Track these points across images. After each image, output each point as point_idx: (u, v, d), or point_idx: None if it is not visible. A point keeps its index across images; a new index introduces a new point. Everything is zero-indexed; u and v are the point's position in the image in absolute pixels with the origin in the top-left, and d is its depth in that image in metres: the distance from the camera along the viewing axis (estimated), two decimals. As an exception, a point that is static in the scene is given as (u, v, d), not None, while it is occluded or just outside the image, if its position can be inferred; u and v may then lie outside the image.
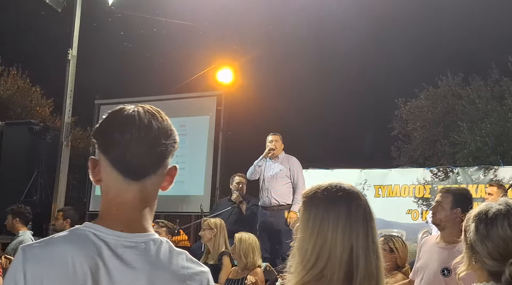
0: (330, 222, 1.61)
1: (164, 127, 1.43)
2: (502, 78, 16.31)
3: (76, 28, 9.35)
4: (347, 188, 1.71)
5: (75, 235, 1.35)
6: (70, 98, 9.30)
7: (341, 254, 1.58)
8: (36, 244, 1.33)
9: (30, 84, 19.52)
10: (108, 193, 1.40)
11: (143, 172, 1.39)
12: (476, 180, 8.38)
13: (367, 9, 15.83)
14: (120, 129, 1.38)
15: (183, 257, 1.41)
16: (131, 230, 1.37)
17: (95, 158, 1.42)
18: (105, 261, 1.31)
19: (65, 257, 1.29)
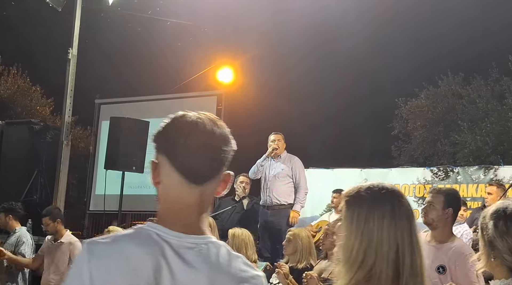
0: (375, 221, 1.64)
1: (224, 134, 1.49)
2: (503, 78, 16.31)
3: (76, 27, 9.35)
4: (390, 187, 1.75)
5: (139, 234, 1.39)
6: (70, 97, 9.30)
7: (388, 253, 1.61)
8: (101, 241, 1.37)
9: (30, 83, 19.54)
10: (168, 195, 1.45)
11: (205, 177, 1.44)
12: (476, 179, 8.38)
13: (367, 8, 15.84)
14: (186, 134, 1.43)
15: (240, 261, 1.45)
16: (191, 232, 1.42)
17: (155, 161, 1.46)
18: (168, 261, 1.35)
19: (129, 255, 1.33)
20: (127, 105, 11.30)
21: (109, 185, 8.49)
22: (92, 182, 11.15)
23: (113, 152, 8.13)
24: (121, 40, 16.60)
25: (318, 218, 7.98)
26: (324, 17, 16.45)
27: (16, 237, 6.63)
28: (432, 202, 3.86)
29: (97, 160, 11.07)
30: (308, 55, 20.25)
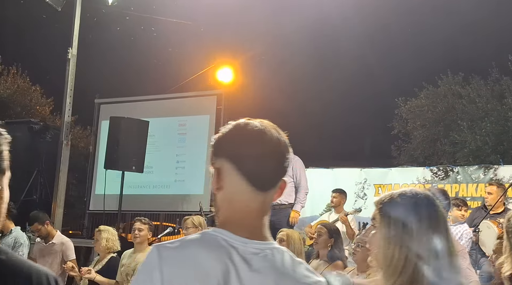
0: (413, 225, 1.67)
1: (286, 142, 1.53)
2: (502, 77, 16.31)
3: (76, 27, 9.34)
4: (423, 192, 1.76)
5: (206, 239, 1.41)
6: (70, 97, 9.29)
7: (428, 257, 1.64)
8: (170, 245, 1.39)
9: (30, 83, 19.52)
10: (232, 201, 1.46)
11: (271, 184, 1.48)
12: (476, 179, 8.38)
13: (367, 8, 15.83)
14: (256, 142, 1.46)
15: (303, 266, 1.48)
16: (255, 237, 1.44)
17: (219, 167, 1.48)
18: (236, 266, 1.37)
19: (199, 260, 1.35)
20: (127, 104, 11.29)
21: (109, 184, 8.49)
22: (92, 182, 11.14)
23: (112, 151, 8.13)
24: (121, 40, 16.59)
25: (318, 218, 7.98)
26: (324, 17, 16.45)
27: (12, 238, 6.59)
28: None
29: (97, 160, 11.07)
30: (308, 55, 20.26)
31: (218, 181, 1.47)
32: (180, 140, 10.88)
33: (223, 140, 1.50)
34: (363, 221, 8.22)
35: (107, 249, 5.90)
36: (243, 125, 1.50)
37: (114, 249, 5.99)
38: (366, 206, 8.58)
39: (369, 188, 8.82)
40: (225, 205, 1.47)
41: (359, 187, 8.86)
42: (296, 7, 14.33)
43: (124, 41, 16.70)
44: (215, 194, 1.50)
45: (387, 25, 18.98)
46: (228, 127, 1.52)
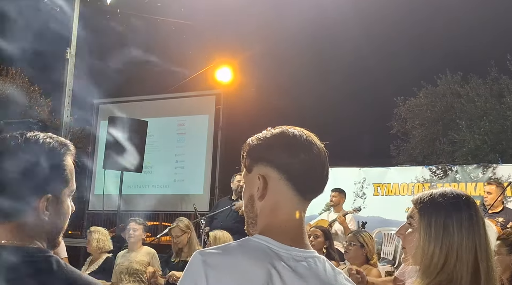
0: (454, 227, 1.68)
1: (325, 150, 1.53)
2: (501, 76, 16.32)
3: (75, 27, 9.35)
4: (464, 194, 1.78)
5: (249, 245, 1.41)
6: (69, 97, 9.29)
7: (468, 257, 1.65)
8: (214, 251, 1.38)
9: (28, 83, 19.50)
10: (276, 209, 1.45)
11: (316, 193, 1.50)
12: (475, 178, 8.39)
13: (365, 8, 15.84)
14: (306, 152, 1.46)
15: (342, 276, 1.48)
16: (298, 245, 1.44)
17: (264, 176, 1.46)
18: (280, 273, 1.36)
19: (243, 266, 1.34)
20: (126, 105, 11.30)
21: (108, 185, 8.50)
22: (91, 182, 11.15)
23: (111, 152, 8.13)
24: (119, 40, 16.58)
25: (317, 217, 7.99)
26: (322, 17, 16.45)
27: None
28: None
29: (95, 160, 11.07)
30: (307, 55, 20.27)
31: (263, 189, 1.46)
32: (179, 140, 10.89)
33: (267, 147, 1.48)
34: (362, 220, 8.23)
35: (98, 250, 5.94)
36: (290, 134, 1.49)
37: (106, 249, 6.02)
38: (365, 205, 8.59)
39: (368, 187, 8.83)
40: (266, 212, 1.47)
41: (358, 186, 8.87)
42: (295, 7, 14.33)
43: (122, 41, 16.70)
44: (251, 202, 1.49)
45: (386, 25, 18.99)
46: (270, 133, 1.51)
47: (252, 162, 1.50)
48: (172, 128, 10.84)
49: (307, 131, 1.52)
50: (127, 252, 5.95)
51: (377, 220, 8.45)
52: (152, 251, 6.00)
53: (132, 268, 5.79)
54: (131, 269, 5.79)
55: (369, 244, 4.80)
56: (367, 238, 4.86)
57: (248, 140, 1.54)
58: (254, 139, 1.53)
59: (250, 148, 1.52)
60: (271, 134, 1.50)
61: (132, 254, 5.88)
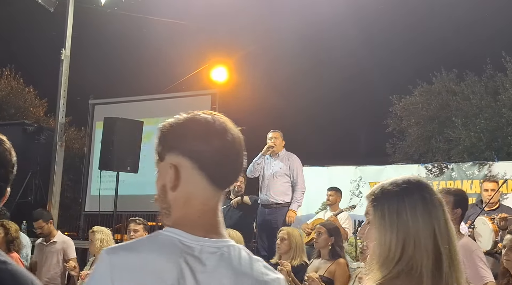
0: (408, 211, 1.60)
1: (241, 136, 1.45)
2: (496, 74, 16.36)
3: (69, 28, 9.31)
4: (414, 178, 1.71)
5: (159, 240, 1.36)
6: (64, 98, 9.26)
7: (426, 242, 1.57)
8: (121, 250, 1.33)
9: (23, 84, 19.45)
10: (189, 200, 1.39)
11: (231, 182, 1.45)
12: (470, 175, 8.41)
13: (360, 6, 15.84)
14: (219, 139, 1.39)
15: (261, 264, 1.44)
16: (212, 236, 1.39)
17: (175, 165, 1.40)
18: (191, 267, 1.32)
19: (152, 264, 1.29)
20: (121, 105, 11.28)
21: (104, 185, 8.48)
22: (87, 183, 11.12)
23: (107, 152, 8.12)
24: (115, 40, 16.55)
25: (314, 216, 7.99)
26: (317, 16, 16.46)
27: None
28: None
29: (91, 161, 11.05)
30: (302, 53, 20.27)
31: (175, 179, 1.39)
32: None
33: (179, 134, 1.41)
34: (359, 219, 8.24)
35: (101, 250, 5.90)
36: (202, 119, 1.41)
37: None
38: (361, 203, 8.60)
39: (364, 186, 8.83)
40: (179, 204, 1.40)
41: (354, 185, 8.88)
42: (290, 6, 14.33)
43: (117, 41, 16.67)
44: (164, 192, 1.42)
45: (381, 23, 19.01)
46: (182, 119, 1.43)
47: (164, 150, 1.43)
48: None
49: (221, 117, 1.44)
50: None
51: (374, 219, 8.46)
52: None
53: None
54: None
55: None
56: None
57: (160, 126, 1.45)
58: (166, 125, 1.44)
59: (161, 134, 1.44)
60: (183, 119, 1.42)
61: None
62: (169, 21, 12.46)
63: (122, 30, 13.55)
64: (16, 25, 18.59)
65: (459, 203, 3.86)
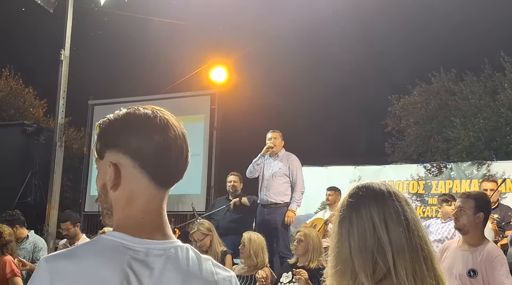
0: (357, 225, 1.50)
1: (184, 132, 1.39)
2: (495, 73, 16.39)
3: (68, 28, 9.32)
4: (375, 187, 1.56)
5: (101, 245, 1.28)
6: (63, 98, 9.27)
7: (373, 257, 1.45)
8: (61, 257, 1.25)
9: (23, 85, 19.46)
10: (131, 200, 1.33)
11: (175, 180, 1.38)
12: (469, 175, 8.43)
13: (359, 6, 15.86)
14: (160, 135, 1.32)
15: (210, 263, 1.40)
16: (157, 237, 1.33)
17: (115, 163, 1.32)
18: (136, 273, 1.26)
19: (94, 271, 1.23)
20: (121, 105, 11.23)
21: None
22: (86, 183, 11.13)
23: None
24: (114, 41, 16.56)
25: (313, 216, 8.01)
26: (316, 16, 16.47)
27: (31, 244, 6.61)
28: (463, 207, 3.83)
29: (91, 161, 11.06)
30: (301, 54, 20.29)
31: (115, 178, 1.32)
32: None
33: (117, 130, 1.34)
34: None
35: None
36: (142, 115, 1.34)
37: None
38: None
39: (363, 186, 8.85)
40: (121, 204, 1.33)
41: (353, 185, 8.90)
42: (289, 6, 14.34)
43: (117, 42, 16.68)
44: (105, 191, 1.35)
45: (380, 23, 19.03)
46: (120, 114, 1.36)
47: (102, 147, 1.35)
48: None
49: (163, 112, 1.37)
50: None
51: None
52: None
53: None
54: None
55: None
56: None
57: (99, 122, 1.38)
58: (105, 121, 1.37)
59: (100, 131, 1.37)
60: (122, 115, 1.36)
61: None
62: (168, 21, 12.47)
63: (122, 30, 13.57)
64: (15, 25, 18.59)
65: (480, 207, 3.80)
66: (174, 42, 15.45)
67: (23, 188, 9.90)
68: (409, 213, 1.51)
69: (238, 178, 7.64)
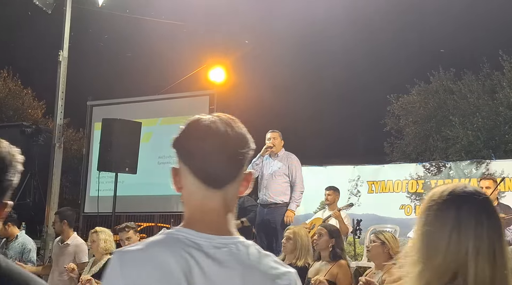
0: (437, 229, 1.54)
1: (240, 135, 1.48)
2: (493, 72, 16.40)
3: (67, 29, 9.32)
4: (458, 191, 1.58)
5: (167, 238, 1.42)
6: (62, 99, 9.27)
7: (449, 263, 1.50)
8: (131, 249, 1.39)
9: (21, 86, 19.45)
10: (191, 200, 1.47)
11: (224, 181, 1.45)
12: (468, 174, 8.42)
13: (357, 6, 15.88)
14: (200, 139, 1.43)
15: (270, 259, 1.47)
16: (219, 233, 1.43)
17: (176, 167, 1.48)
18: (198, 262, 1.37)
19: (160, 259, 1.35)
20: (120, 106, 11.28)
21: (103, 186, 8.49)
22: (85, 184, 11.12)
23: (105, 153, 8.13)
24: (112, 41, 16.56)
25: (312, 216, 8.01)
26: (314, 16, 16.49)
27: (19, 244, 6.59)
28: None
29: (90, 162, 11.05)
30: (300, 53, 20.30)
31: (176, 181, 1.47)
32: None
33: (177, 140, 1.48)
34: (357, 217, 8.26)
35: (105, 250, 5.89)
36: (192, 122, 1.48)
37: (111, 249, 6.00)
38: (359, 203, 8.61)
39: (362, 185, 8.84)
40: (185, 203, 1.48)
41: (353, 184, 8.88)
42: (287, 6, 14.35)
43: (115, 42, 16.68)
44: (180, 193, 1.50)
45: (378, 22, 19.05)
46: (184, 123, 1.51)
47: (176, 155, 1.50)
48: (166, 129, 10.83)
49: (222, 116, 1.48)
50: None
51: (372, 218, 8.46)
52: None
53: None
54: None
55: (391, 242, 4.70)
56: (388, 235, 4.81)
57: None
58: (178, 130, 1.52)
59: (171, 142, 1.52)
60: (185, 123, 1.50)
61: None
62: (167, 22, 12.47)
63: (120, 31, 13.56)
64: (14, 27, 18.58)
65: None
66: (173, 42, 15.46)
67: (22, 189, 9.89)
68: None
69: None
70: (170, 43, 15.59)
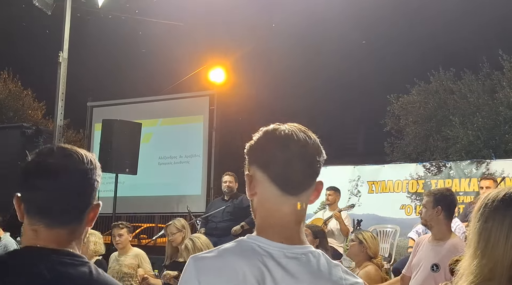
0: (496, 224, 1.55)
1: (317, 144, 1.54)
2: (493, 72, 16.38)
3: (67, 30, 9.32)
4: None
5: (241, 246, 1.45)
6: (62, 100, 9.28)
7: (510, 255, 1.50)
8: (207, 255, 1.44)
9: (21, 87, 19.45)
10: (265, 207, 1.50)
11: (301, 188, 1.49)
12: (468, 174, 8.42)
13: (357, 5, 15.88)
14: (282, 147, 1.47)
15: (339, 269, 1.50)
16: (290, 242, 1.46)
17: (250, 174, 1.52)
18: (271, 271, 1.40)
19: (235, 268, 1.39)
20: (120, 107, 11.30)
21: (103, 187, 8.50)
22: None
23: (106, 154, 8.14)
24: (112, 42, 16.56)
25: (312, 216, 8.01)
26: (314, 16, 16.49)
27: (1, 246, 6.57)
28: (424, 204, 4.10)
29: (90, 163, 11.04)
30: (299, 54, 20.29)
31: (251, 188, 1.51)
32: (174, 141, 10.88)
33: (253, 147, 1.53)
34: (357, 217, 8.27)
35: (94, 253, 5.95)
36: (270, 130, 1.53)
37: (101, 252, 6.05)
38: (360, 203, 8.62)
39: (362, 185, 8.85)
40: (259, 212, 1.51)
41: (353, 184, 8.90)
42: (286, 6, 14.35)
43: (115, 43, 16.68)
44: (252, 199, 1.54)
45: (378, 22, 19.04)
46: (258, 134, 1.56)
47: (247, 164, 1.55)
48: (166, 130, 10.84)
49: (296, 126, 1.55)
50: (118, 255, 6.11)
51: (372, 218, 8.48)
52: (140, 252, 6.08)
53: (122, 272, 5.92)
54: (121, 273, 5.90)
55: (369, 241, 4.84)
56: (367, 235, 4.94)
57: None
58: (250, 141, 1.57)
59: (246, 149, 1.56)
60: (258, 134, 1.55)
61: (121, 258, 6.04)
62: (167, 22, 12.47)
63: (120, 32, 13.56)
64: (13, 28, 18.58)
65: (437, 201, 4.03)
66: (173, 43, 15.45)
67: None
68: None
69: (233, 178, 7.65)
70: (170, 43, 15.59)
